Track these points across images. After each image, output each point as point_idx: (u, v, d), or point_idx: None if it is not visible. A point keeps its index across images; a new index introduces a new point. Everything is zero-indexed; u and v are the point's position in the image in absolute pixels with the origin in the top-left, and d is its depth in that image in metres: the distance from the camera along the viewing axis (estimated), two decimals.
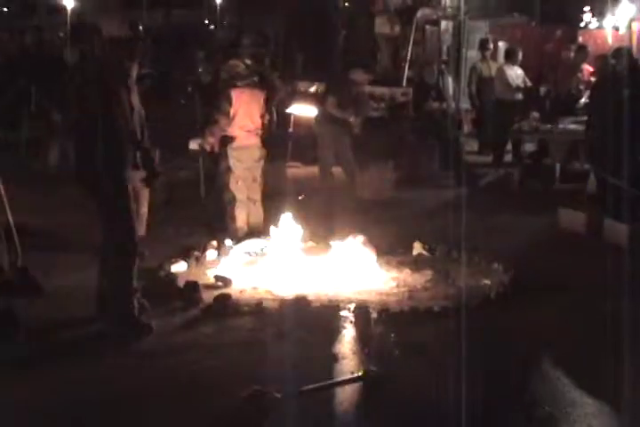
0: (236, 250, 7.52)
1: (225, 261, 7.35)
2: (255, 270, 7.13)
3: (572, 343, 5.53)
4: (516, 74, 12.78)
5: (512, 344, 5.53)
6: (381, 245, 7.48)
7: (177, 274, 6.95)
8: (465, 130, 13.53)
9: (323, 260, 7.21)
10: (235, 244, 7.65)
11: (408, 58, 14.21)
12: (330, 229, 8.00)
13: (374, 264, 7.16)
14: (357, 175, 9.63)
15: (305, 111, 11.60)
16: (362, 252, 7.12)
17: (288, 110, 12.08)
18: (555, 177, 11.06)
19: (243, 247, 7.56)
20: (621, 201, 7.95)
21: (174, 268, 7.07)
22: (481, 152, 13.63)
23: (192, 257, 7.38)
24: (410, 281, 6.97)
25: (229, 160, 8.02)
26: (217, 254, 7.51)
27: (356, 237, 7.20)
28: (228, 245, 7.63)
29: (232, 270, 7.07)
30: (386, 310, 6.11)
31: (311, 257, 7.31)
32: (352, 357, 5.34)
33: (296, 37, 18.96)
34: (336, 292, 6.58)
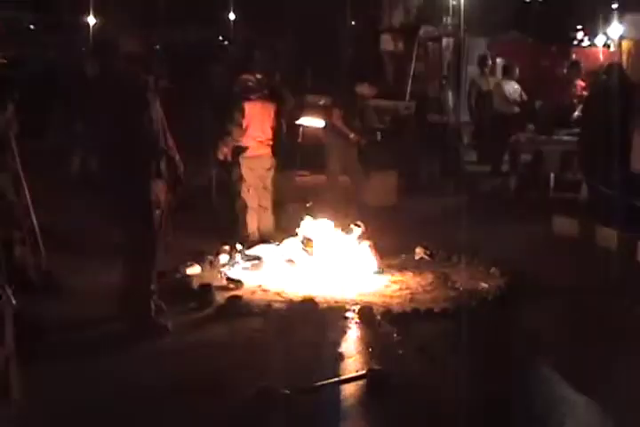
0: (247, 254, 7.53)
1: (237, 264, 7.37)
2: (265, 273, 7.15)
3: (568, 343, 5.53)
4: (513, 88, 12.78)
5: (509, 344, 5.52)
6: (385, 249, 7.49)
7: (192, 277, 6.96)
8: (464, 141, 13.54)
9: (329, 263, 7.22)
10: (246, 248, 7.67)
11: (411, 73, 14.20)
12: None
13: (378, 268, 7.17)
14: (363, 183, 9.64)
15: (313, 123, 11.60)
16: (366, 256, 7.14)
17: (297, 122, 12.08)
18: (549, 186, 11.06)
19: (253, 252, 7.57)
20: (612, 208, 7.95)
21: (189, 271, 7.08)
22: (480, 162, 13.62)
23: (206, 261, 7.40)
24: (412, 284, 6.98)
25: (241, 169, 8.04)
26: (229, 258, 7.53)
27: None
28: (240, 249, 7.65)
29: (243, 273, 7.09)
30: (389, 312, 6.12)
31: (316, 259, 7.31)
32: (357, 356, 5.35)
33: (306, 53, 18.96)
34: (342, 294, 6.59)
